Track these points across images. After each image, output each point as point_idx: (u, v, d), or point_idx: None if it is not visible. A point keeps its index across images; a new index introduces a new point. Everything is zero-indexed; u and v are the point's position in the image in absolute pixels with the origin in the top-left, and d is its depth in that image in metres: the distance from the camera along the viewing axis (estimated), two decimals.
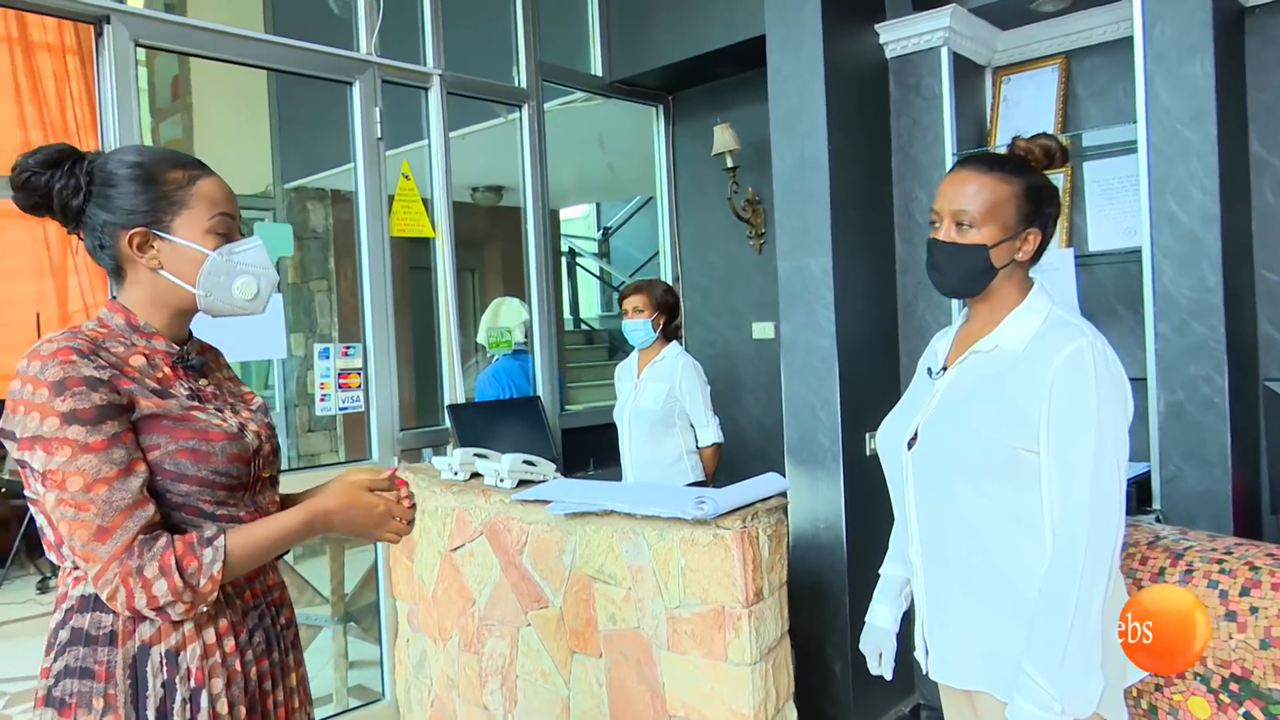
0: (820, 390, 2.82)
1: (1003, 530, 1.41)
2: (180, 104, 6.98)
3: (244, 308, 1.29)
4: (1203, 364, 2.45)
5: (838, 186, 2.80)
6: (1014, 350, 1.43)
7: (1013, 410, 1.39)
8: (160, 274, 1.24)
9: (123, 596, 1.11)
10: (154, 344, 1.24)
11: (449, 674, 2.68)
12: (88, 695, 1.13)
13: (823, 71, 2.77)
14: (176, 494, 1.18)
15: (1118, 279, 2.90)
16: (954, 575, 1.48)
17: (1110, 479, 1.34)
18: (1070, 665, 1.29)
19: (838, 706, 2.84)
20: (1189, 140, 2.45)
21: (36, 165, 1.20)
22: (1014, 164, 1.48)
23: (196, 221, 1.24)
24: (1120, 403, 1.37)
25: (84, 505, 1.10)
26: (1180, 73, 2.46)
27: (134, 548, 1.11)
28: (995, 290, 1.48)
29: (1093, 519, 1.32)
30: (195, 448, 1.19)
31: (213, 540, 1.15)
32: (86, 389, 1.11)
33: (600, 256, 9.37)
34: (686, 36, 3.73)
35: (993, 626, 1.43)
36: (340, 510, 1.28)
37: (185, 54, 2.74)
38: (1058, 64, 3.01)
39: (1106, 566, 1.32)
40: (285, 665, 1.32)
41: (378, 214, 3.13)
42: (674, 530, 2.10)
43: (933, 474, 1.49)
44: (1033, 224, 1.46)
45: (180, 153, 1.29)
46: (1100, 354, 1.36)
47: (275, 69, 2.96)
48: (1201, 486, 2.47)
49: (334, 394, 3.04)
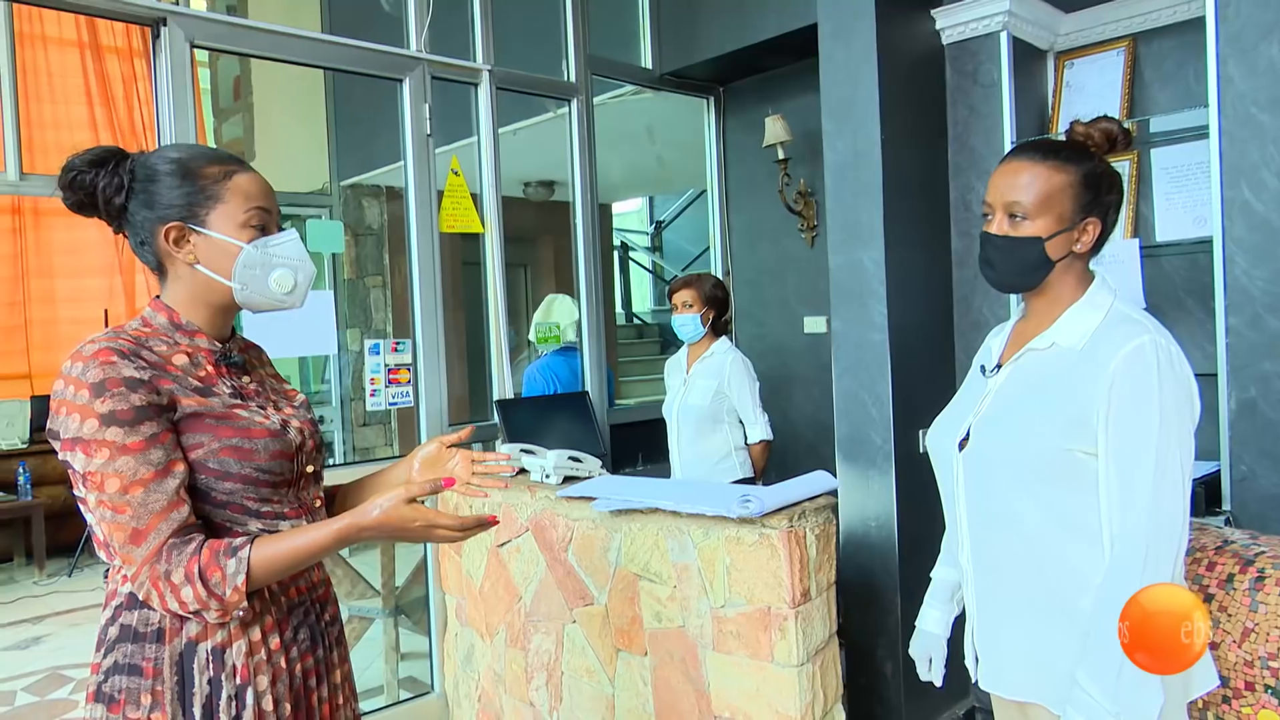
0: (872, 386, 2.75)
1: (1056, 537, 1.35)
2: (242, 104, 7.15)
3: (281, 301, 1.29)
4: (1278, 360, 2.33)
5: (891, 177, 2.73)
6: (1072, 348, 1.36)
7: (1069, 411, 1.33)
8: (197, 269, 1.25)
9: (156, 599, 1.12)
10: (196, 342, 1.25)
11: (496, 669, 2.69)
12: (135, 691, 1.14)
13: (875, 59, 2.70)
14: (221, 492, 1.19)
15: (1187, 271, 2.78)
16: (1005, 582, 1.42)
17: (1173, 485, 1.27)
18: (1127, 678, 1.23)
19: (889, 710, 2.77)
20: (1264, 125, 2.33)
21: (83, 165, 1.22)
22: (1070, 151, 1.40)
23: (231, 216, 1.24)
24: (1185, 404, 1.30)
25: (120, 507, 1.11)
26: (1256, 54, 2.33)
27: (164, 552, 1.11)
28: (1052, 284, 1.41)
29: (1153, 527, 1.26)
30: (238, 445, 1.19)
31: (238, 551, 1.14)
32: (126, 390, 1.12)
33: (652, 250, 9.34)
34: (737, 27, 3.68)
35: (1045, 637, 1.37)
36: (375, 527, 1.20)
37: (240, 54, 2.79)
38: (1123, 47, 2.89)
39: (1168, 575, 1.26)
40: (330, 662, 1.32)
41: (427, 210, 3.15)
42: (719, 529, 2.07)
43: (984, 477, 1.43)
44: (1091, 213, 1.38)
45: (219, 150, 1.30)
46: (1165, 351, 1.29)
47: (327, 67, 2.99)
48: (1276, 489, 2.35)
49: (384, 389, 3.07)
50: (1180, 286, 2.79)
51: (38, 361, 7.24)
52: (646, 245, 9.35)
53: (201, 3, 5.81)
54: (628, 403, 4.97)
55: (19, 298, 7.21)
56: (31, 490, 5.98)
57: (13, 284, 7.18)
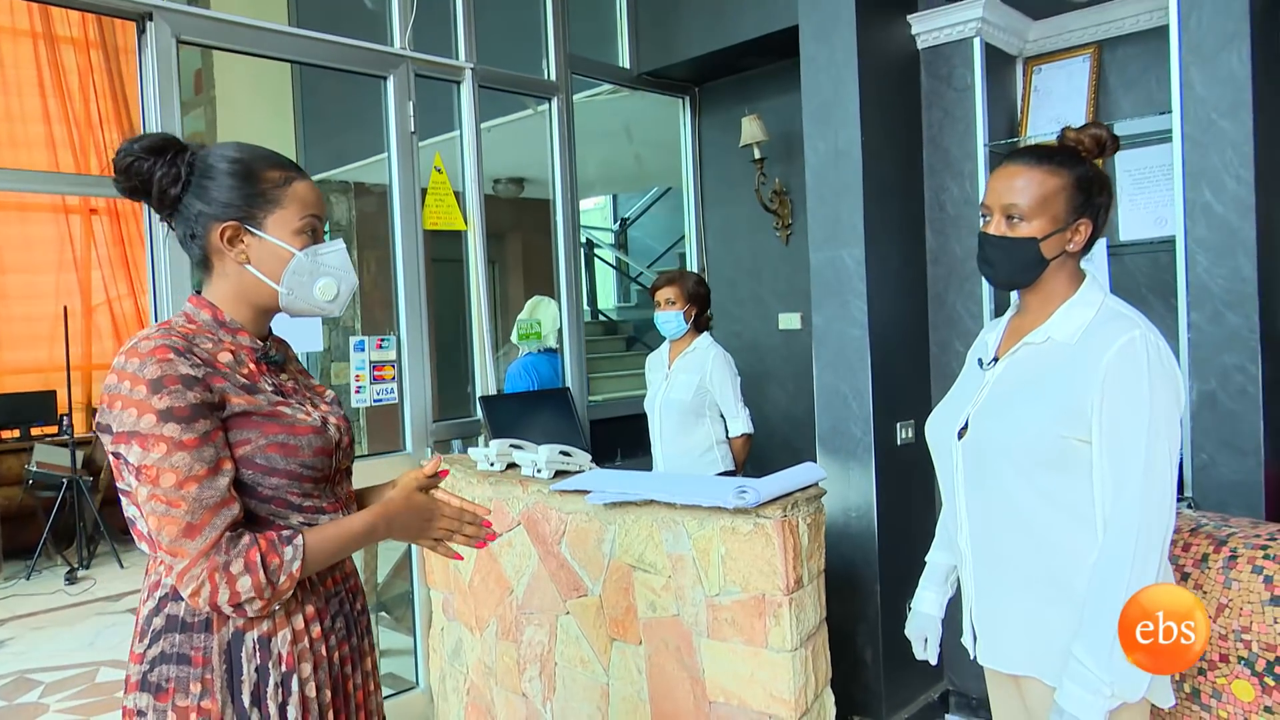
0: (852, 380, 2.84)
1: (1052, 519, 1.43)
2: (204, 97, 7.02)
3: (323, 308, 1.33)
4: (1236, 354, 2.45)
5: (870, 178, 2.82)
6: (1066, 342, 1.44)
7: (1065, 401, 1.40)
8: (246, 269, 1.27)
9: (207, 592, 1.13)
10: (239, 340, 1.28)
11: (486, 662, 2.72)
12: (185, 680, 1.17)
13: (856, 62, 2.78)
14: (267, 487, 1.22)
15: (1149, 269, 2.90)
16: (1004, 563, 1.50)
17: (1163, 470, 1.35)
18: (1120, 652, 1.30)
19: (868, 694, 2.86)
20: (1225, 130, 2.45)
21: (141, 151, 1.24)
22: (1063, 155, 1.48)
23: (287, 221, 1.28)
24: (1172, 394, 1.38)
25: (175, 502, 1.13)
26: (1217, 62, 2.45)
27: (221, 544, 1.14)
28: (1047, 282, 1.49)
29: (1145, 509, 1.34)
30: (284, 442, 1.22)
31: (292, 539, 1.19)
32: (183, 387, 1.14)
33: (617, 248, 9.38)
34: (715, 28, 3.74)
35: (1042, 613, 1.45)
36: (398, 514, 1.31)
37: (226, 50, 2.77)
38: (1089, 54, 3.01)
39: (1157, 556, 1.34)
40: (361, 649, 1.36)
41: (411, 207, 3.16)
42: (714, 519, 2.13)
43: (983, 463, 1.50)
44: (1083, 215, 1.46)
45: (278, 153, 1.32)
46: (1153, 346, 1.37)
47: (313, 64, 2.98)
48: (1235, 476, 2.48)
49: (368, 386, 3.08)
50: (1143, 284, 2.91)
51: None
52: (611, 243, 9.39)
53: None
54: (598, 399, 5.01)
55: None
56: None
57: None
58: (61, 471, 5.85)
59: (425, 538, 1.36)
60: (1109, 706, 1.32)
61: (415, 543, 1.39)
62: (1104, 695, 1.32)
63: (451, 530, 1.37)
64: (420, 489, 1.41)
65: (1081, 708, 1.32)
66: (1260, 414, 2.42)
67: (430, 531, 1.35)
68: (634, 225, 9.27)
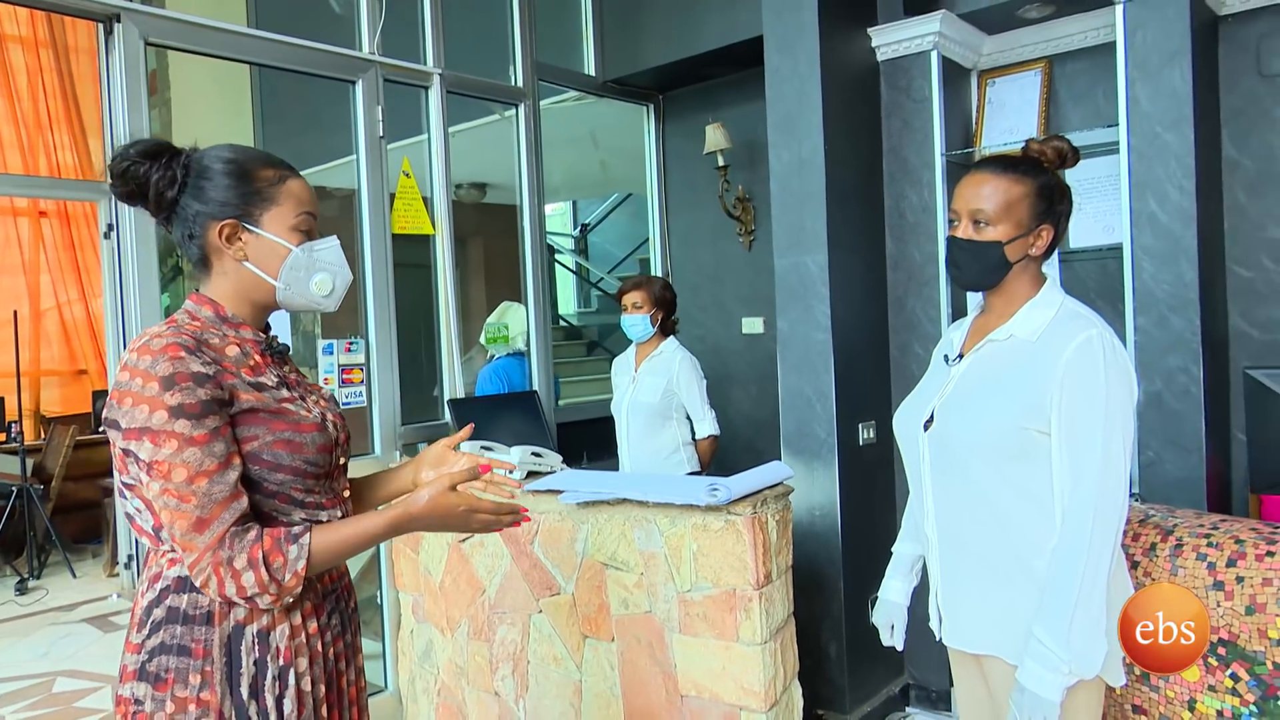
0: (816, 383, 2.91)
1: (1014, 506, 1.51)
2: (159, 98, 6.92)
3: (318, 303, 1.35)
4: (1180, 356, 2.58)
5: (833, 186, 2.90)
6: (1027, 340, 1.53)
7: (1026, 395, 1.49)
8: (245, 265, 1.30)
9: (214, 585, 1.16)
10: (243, 334, 1.30)
11: (457, 663, 2.74)
12: (185, 671, 1.19)
13: (819, 73, 2.86)
14: (272, 482, 1.24)
15: (1098, 275, 3.03)
16: (968, 548, 1.58)
17: (1117, 460, 1.44)
18: (1078, 630, 1.40)
19: (833, 688, 2.94)
20: (1168, 143, 2.58)
21: (137, 155, 1.26)
22: (1027, 165, 1.58)
23: (283, 218, 1.30)
24: (1127, 390, 1.47)
25: (186, 496, 1.15)
26: (1160, 78, 2.58)
27: (227, 539, 1.16)
28: (1010, 283, 1.58)
29: (1100, 497, 1.43)
30: (290, 439, 1.25)
31: (299, 537, 1.20)
32: (194, 384, 1.17)
33: (577, 253, 9.42)
34: (679, 38, 3.81)
35: (1004, 596, 1.53)
36: (425, 515, 1.28)
37: (194, 52, 2.77)
38: (1040, 68, 3.13)
39: (1112, 541, 1.43)
40: (355, 646, 1.40)
41: (380, 211, 3.17)
42: (686, 517, 2.18)
43: (949, 454, 1.59)
44: (1045, 221, 1.56)
45: (271, 153, 1.35)
46: (1109, 344, 1.47)
47: (281, 68, 2.99)
48: (1180, 472, 2.60)
49: (337, 389, 3.08)
50: (1092, 289, 3.03)
51: None
52: (571, 248, 9.42)
53: None
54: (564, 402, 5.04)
55: None
56: None
57: None
58: (11, 480, 5.71)
59: (460, 532, 1.36)
60: (1067, 684, 1.41)
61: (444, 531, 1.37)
62: (1062, 673, 1.40)
63: (490, 524, 1.34)
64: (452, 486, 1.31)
65: (1041, 685, 1.41)
66: (1202, 414, 2.54)
67: (467, 527, 1.34)
68: (594, 231, 9.31)
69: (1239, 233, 2.80)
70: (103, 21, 2.54)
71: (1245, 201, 2.78)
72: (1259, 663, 1.50)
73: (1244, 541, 1.58)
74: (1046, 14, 2.98)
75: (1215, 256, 2.75)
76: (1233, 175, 2.80)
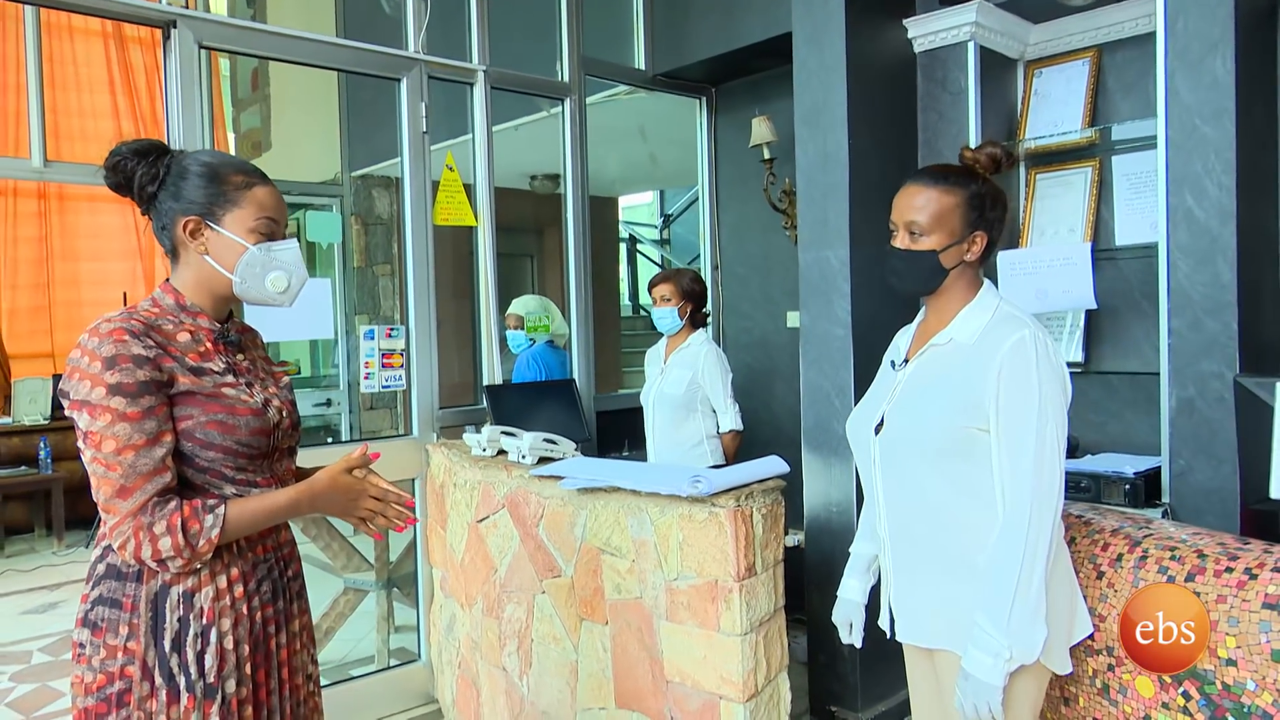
0: (836, 378, 2.90)
1: (959, 504, 1.57)
2: (259, 94, 7.35)
3: (274, 299, 1.49)
4: (1215, 361, 2.45)
5: (858, 180, 2.87)
6: (966, 343, 1.60)
7: (965, 395, 1.55)
8: (205, 259, 1.44)
9: (132, 547, 1.30)
10: (199, 321, 1.45)
11: (474, 637, 2.86)
12: (115, 622, 1.34)
13: (844, 67, 2.83)
14: (203, 459, 1.38)
15: (1143, 274, 2.89)
16: (917, 545, 1.64)
17: (1051, 453, 1.50)
18: (1017, 616, 1.46)
19: (846, 686, 2.92)
20: (1208, 136, 2.44)
21: (128, 152, 1.42)
22: (958, 175, 1.64)
23: (243, 220, 1.44)
24: (1059, 388, 1.53)
25: (112, 465, 1.29)
26: (1201, 68, 2.45)
27: (148, 507, 1.30)
28: (947, 289, 1.64)
29: (1036, 488, 1.48)
30: (223, 421, 1.38)
31: (215, 508, 1.34)
32: (133, 366, 1.30)
33: (661, 243, 9.48)
34: (726, 30, 3.81)
35: (951, 591, 1.59)
36: (324, 493, 1.44)
37: (248, 55, 2.95)
38: (1089, 58, 3.01)
39: (1049, 530, 1.48)
40: (289, 613, 1.52)
41: (422, 203, 3.31)
42: (674, 507, 2.22)
43: (897, 456, 1.64)
44: (978, 228, 1.62)
45: (246, 162, 1.50)
46: (1041, 343, 1.52)
47: (330, 68, 3.16)
48: (1211, 483, 2.47)
49: (378, 373, 3.24)
50: (1137, 289, 2.91)
51: (60, 341, 7.49)
52: (655, 238, 9.48)
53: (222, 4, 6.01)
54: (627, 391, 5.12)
55: (43, 280, 7.46)
56: (52, 465, 6.22)
57: (38, 267, 7.43)
58: None
59: (350, 516, 1.50)
60: (1008, 669, 1.45)
61: (343, 519, 1.52)
62: (1003, 658, 1.45)
63: (375, 512, 1.50)
64: (347, 470, 1.49)
65: (983, 670, 1.46)
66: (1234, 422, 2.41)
67: (356, 510, 1.49)
68: (677, 221, 9.35)
69: None
70: (161, 27, 2.75)
71: None
72: (1209, 682, 1.44)
73: (1206, 556, 1.51)
74: (1091, 1, 2.86)
75: (1264, 257, 2.59)
76: None
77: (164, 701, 1.32)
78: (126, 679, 1.32)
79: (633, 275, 9.40)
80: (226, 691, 1.37)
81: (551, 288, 7.04)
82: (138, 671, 1.32)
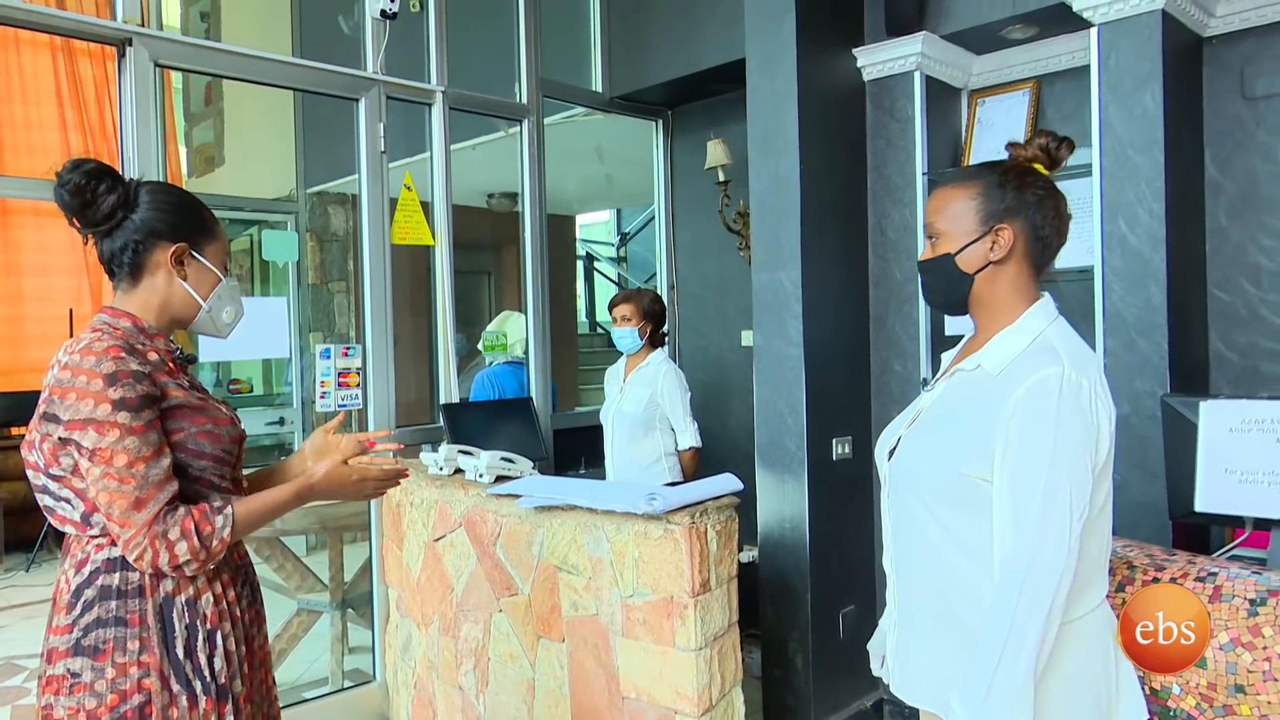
0: (788, 397, 2.96)
1: (951, 557, 1.39)
2: (213, 109, 7.27)
3: (219, 330, 1.57)
4: (1147, 379, 2.56)
5: (810, 203, 2.95)
6: (991, 373, 1.37)
7: (974, 435, 1.34)
8: (181, 285, 1.49)
9: (149, 557, 1.34)
10: (157, 344, 1.48)
11: (430, 656, 2.86)
12: (123, 639, 1.36)
13: (796, 94, 2.91)
14: (195, 469, 1.44)
15: (1081, 297, 3.00)
16: (913, 593, 1.47)
17: (1061, 516, 1.27)
18: (992, 706, 1.26)
19: (799, 699, 2.97)
20: (1139, 165, 2.57)
21: (86, 175, 1.42)
22: (976, 169, 1.45)
23: (218, 253, 1.54)
24: (1083, 439, 1.28)
25: (126, 479, 1.33)
26: (1133, 100, 2.57)
27: (161, 516, 1.35)
28: (983, 300, 1.42)
29: (1035, 559, 1.26)
30: (211, 430, 1.45)
31: (222, 509, 1.40)
32: (134, 381, 1.35)
33: (618, 261, 9.54)
34: (682, 55, 3.89)
35: (941, 651, 1.42)
36: (322, 484, 1.52)
37: (203, 74, 2.95)
38: (1029, 88, 3.13)
39: (1044, 608, 1.26)
40: (262, 615, 1.59)
41: (379, 222, 3.32)
42: (629, 524, 2.26)
43: (900, 488, 1.48)
44: (1001, 220, 1.38)
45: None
46: (1071, 385, 1.28)
47: (288, 87, 3.16)
48: (1145, 497, 2.59)
49: (334, 391, 3.23)
50: (1075, 311, 2.99)
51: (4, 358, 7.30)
52: (612, 256, 9.55)
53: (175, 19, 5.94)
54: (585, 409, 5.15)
55: None
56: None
57: None
58: None
59: (356, 499, 1.61)
60: None
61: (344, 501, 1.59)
62: None
63: (379, 490, 1.59)
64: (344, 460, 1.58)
65: None
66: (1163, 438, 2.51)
67: (362, 494, 1.57)
68: (634, 240, 9.43)
69: (1220, 256, 2.76)
70: (116, 45, 2.74)
71: (1226, 225, 2.75)
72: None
73: (1135, 567, 1.59)
74: (1030, 35, 2.98)
75: (1193, 280, 2.72)
76: (1215, 198, 2.77)
77: (185, 707, 1.37)
78: (145, 691, 1.35)
79: (590, 293, 9.45)
80: (235, 691, 1.44)
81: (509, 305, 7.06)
82: (156, 682, 1.36)
